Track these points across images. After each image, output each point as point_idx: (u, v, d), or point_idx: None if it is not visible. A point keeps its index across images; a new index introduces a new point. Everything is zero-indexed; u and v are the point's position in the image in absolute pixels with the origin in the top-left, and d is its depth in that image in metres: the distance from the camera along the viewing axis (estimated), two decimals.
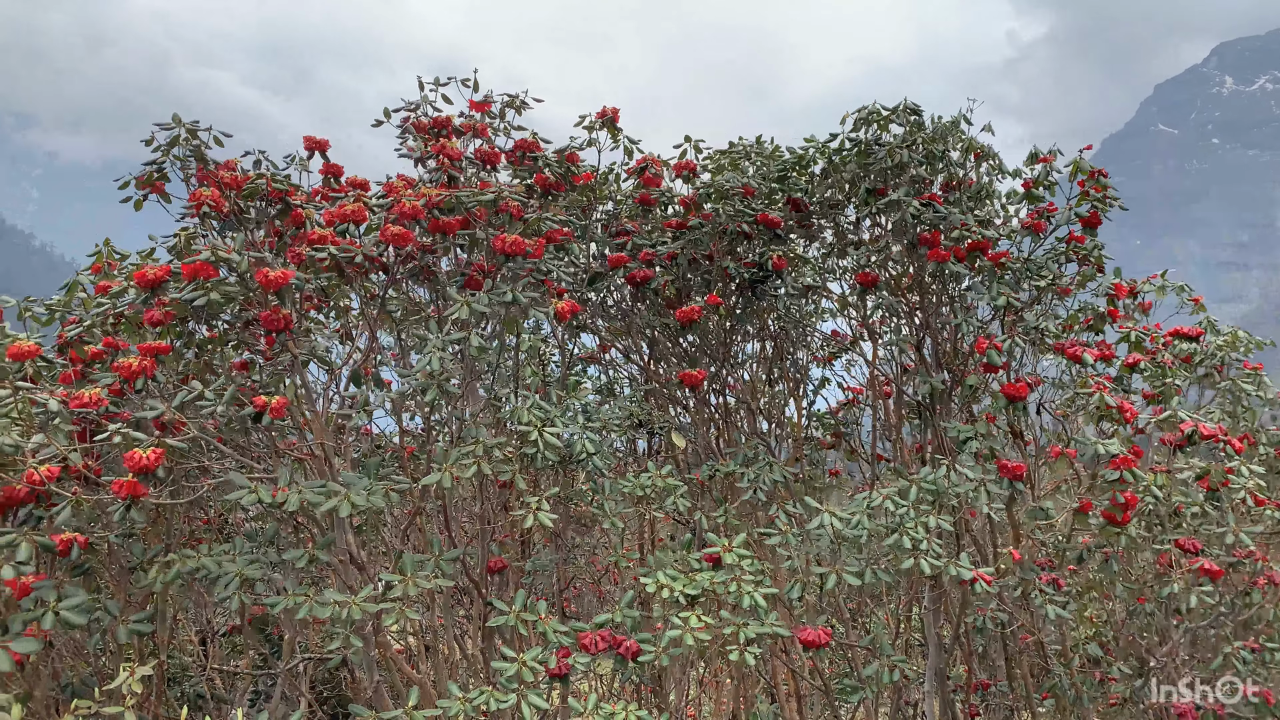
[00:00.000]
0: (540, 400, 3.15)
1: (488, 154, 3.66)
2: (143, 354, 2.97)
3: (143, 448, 2.55)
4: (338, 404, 3.78)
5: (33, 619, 2.44)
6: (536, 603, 2.67)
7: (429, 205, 3.30)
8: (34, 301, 3.33)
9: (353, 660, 2.93)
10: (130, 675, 2.31)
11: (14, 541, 2.44)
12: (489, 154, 3.66)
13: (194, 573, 2.76)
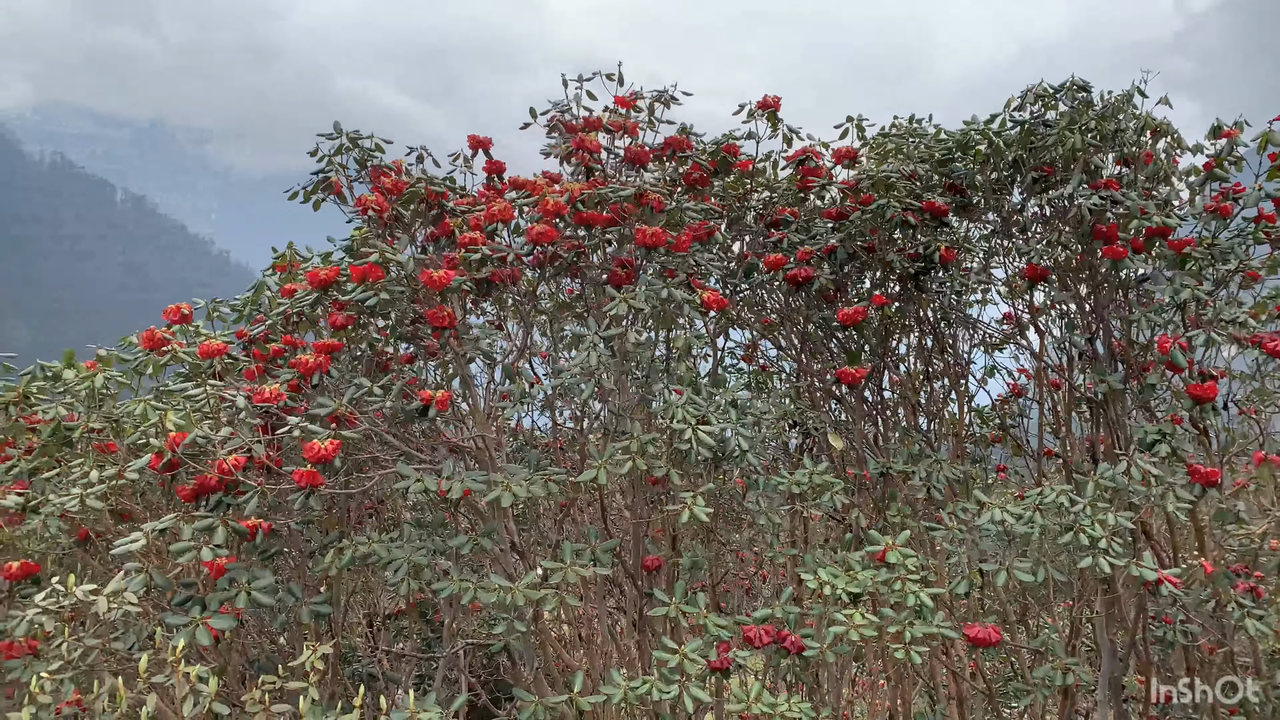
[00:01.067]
0: (693, 396, 3.15)
1: (637, 153, 3.68)
2: (318, 351, 3.14)
3: (320, 439, 2.69)
4: (496, 398, 3.89)
5: (227, 598, 2.62)
6: (695, 595, 2.66)
7: (571, 201, 3.35)
8: (221, 303, 3.57)
9: (514, 646, 3.01)
10: (312, 653, 2.44)
11: (211, 526, 2.62)
12: (638, 153, 3.68)
13: (365, 558, 2.90)
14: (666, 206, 3.39)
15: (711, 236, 3.61)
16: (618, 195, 3.33)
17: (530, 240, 3.20)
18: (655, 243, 3.23)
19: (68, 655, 2.57)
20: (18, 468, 3.29)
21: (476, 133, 3.73)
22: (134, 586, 2.57)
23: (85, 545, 3.29)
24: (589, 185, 3.44)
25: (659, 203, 3.36)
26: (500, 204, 3.27)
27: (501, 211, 3.26)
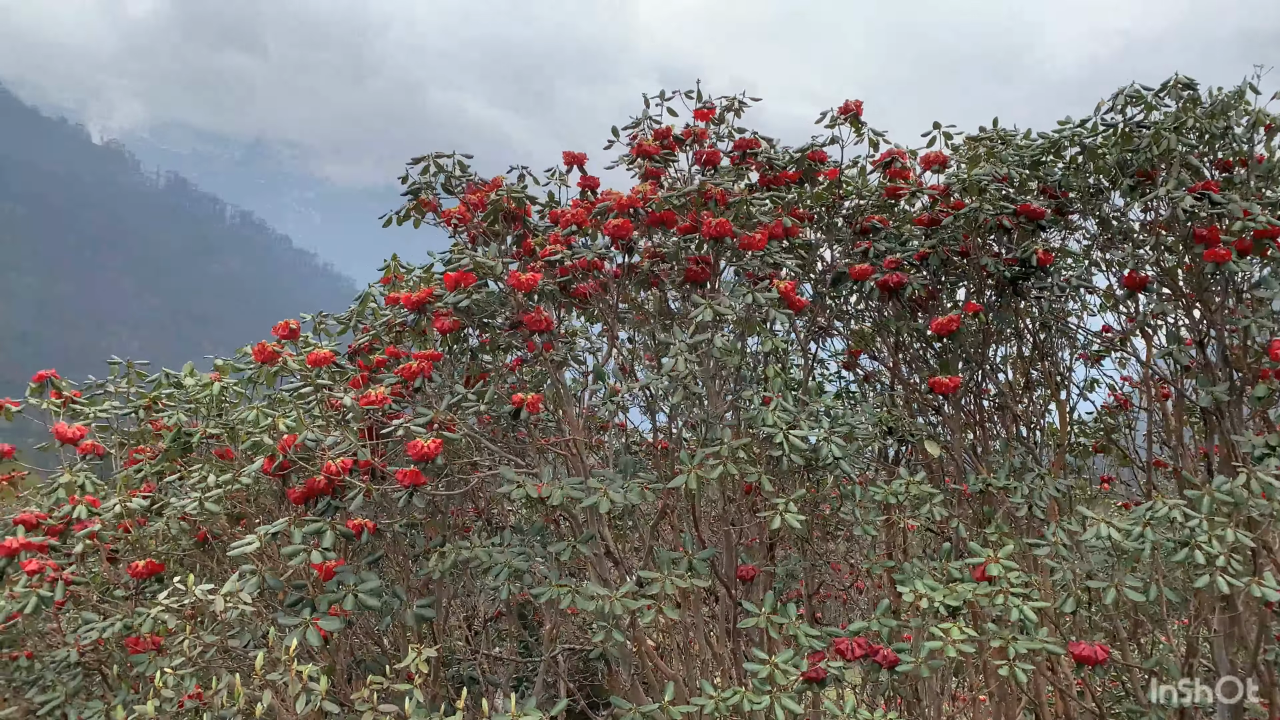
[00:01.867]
0: (784, 403, 3.14)
1: (708, 155, 3.72)
2: (419, 359, 3.25)
3: (423, 438, 2.78)
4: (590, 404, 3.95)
5: (335, 600, 2.72)
6: (787, 606, 2.65)
7: (644, 199, 3.40)
8: (326, 316, 3.72)
9: (611, 653, 3.04)
10: (417, 655, 2.51)
11: (320, 529, 2.73)
12: (709, 155, 3.72)
13: (467, 562, 2.97)
14: (731, 200, 3.42)
15: (790, 235, 3.61)
16: (682, 193, 3.38)
17: (607, 233, 3.27)
18: (721, 233, 3.26)
19: (189, 652, 2.71)
20: (144, 471, 3.48)
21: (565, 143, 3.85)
22: (249, 587, 2.69)
23: (203, 546, 3.47)
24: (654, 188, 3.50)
25: (722, 196, 3.40)
26: (576, 210, 3.35)
27: (576, 215, 3.33)
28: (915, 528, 4.92)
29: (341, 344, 3.81)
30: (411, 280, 3.86)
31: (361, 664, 3.32)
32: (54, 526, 3.40)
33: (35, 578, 3.13)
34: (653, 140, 3.69)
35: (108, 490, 3.55)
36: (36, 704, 3.20)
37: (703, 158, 3.72)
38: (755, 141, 3.80)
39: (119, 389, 3.88)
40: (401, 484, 2.77)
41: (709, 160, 3.72)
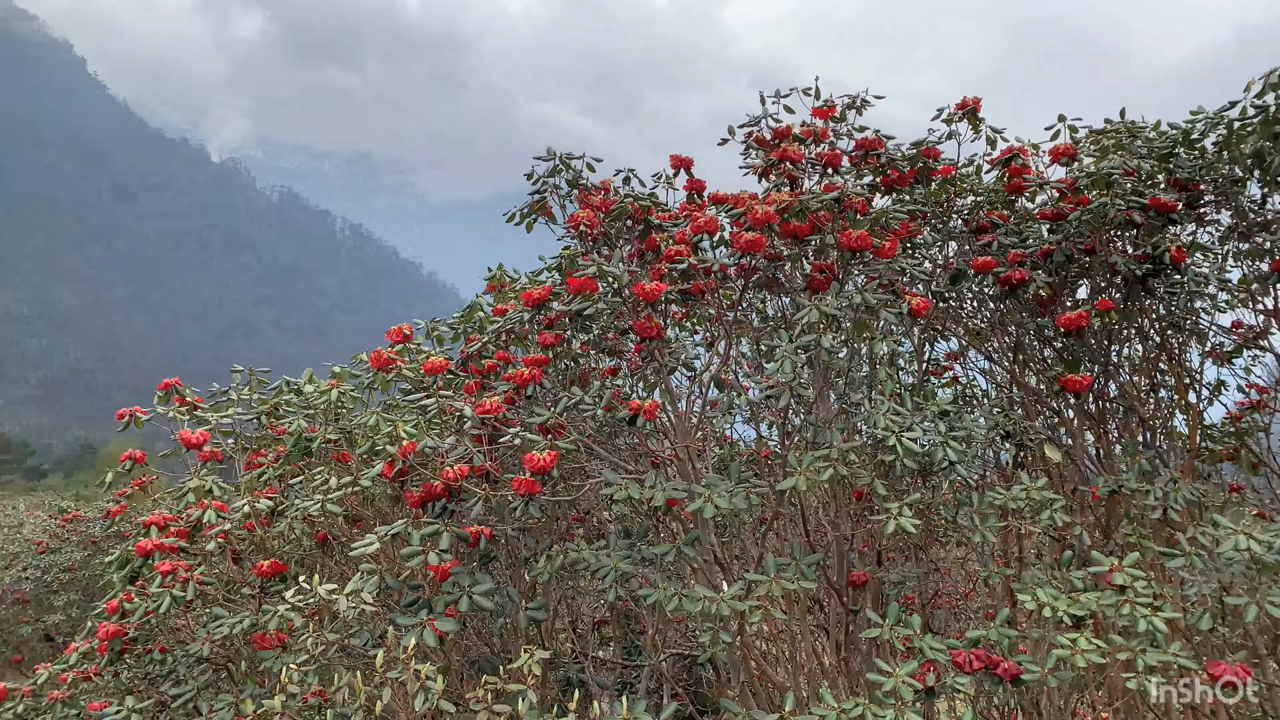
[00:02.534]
0: (896, 405, 3.06)
1: (830, 156, 3.64)
2: (530, 365, 3.29)
3: (539, 450, 2.81)
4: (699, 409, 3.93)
5: (451, 601, 2.77)
6: (911, 617, 2.59)
7: (781, 211, 3.35)
8: (440, 322, 3.80)
9: (720, 658, 3.02)
10: (530, 657, 2.54)
11: (437, 531, 2.79)
12: (831, 156, 3.65)
13: (574, 565, 2.99)
14: (870, 211, 3.33)
15: (915, 236, 3.52)
16: (821, 201, 3.31)
17: (739, 249, 3.23)
18: (861, 246, 3.18)
19: (312, 649, 2.80)
20: (267, 474, 3.62)
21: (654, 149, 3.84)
22: (369, 587, 2.76)
23: (324, 547, 3.58)
24: (794, 195, 3.44)
25: (863, 205, 3.31)
26: (706, 216, 3.32)
27: (708, 223, 3.31)
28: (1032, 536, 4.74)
29: (451, 350, 3.90)
30: (519, 287, 3.92)
31: (475, 664, 3.38)
32: (182, 528, 3.56)
33: (168, 578, 3.28)
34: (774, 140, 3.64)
35: (231, 493, 3.71)
36: (170, 696, 3.36)
37: (824, 159, 3.65)
38: (879, 141, 3.70)
39: (241, 396, 4.05)
40: (518, 492, 2.82)
41: (831, 162, 3.65)
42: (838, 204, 3.32)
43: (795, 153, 3.64)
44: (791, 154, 3.63)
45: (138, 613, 3.38)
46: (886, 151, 3.67)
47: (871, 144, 3.69)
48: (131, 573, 3.45)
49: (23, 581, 11.40)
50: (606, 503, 4.29)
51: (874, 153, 3.69)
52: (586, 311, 3.26)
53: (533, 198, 3.71)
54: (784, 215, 3.35)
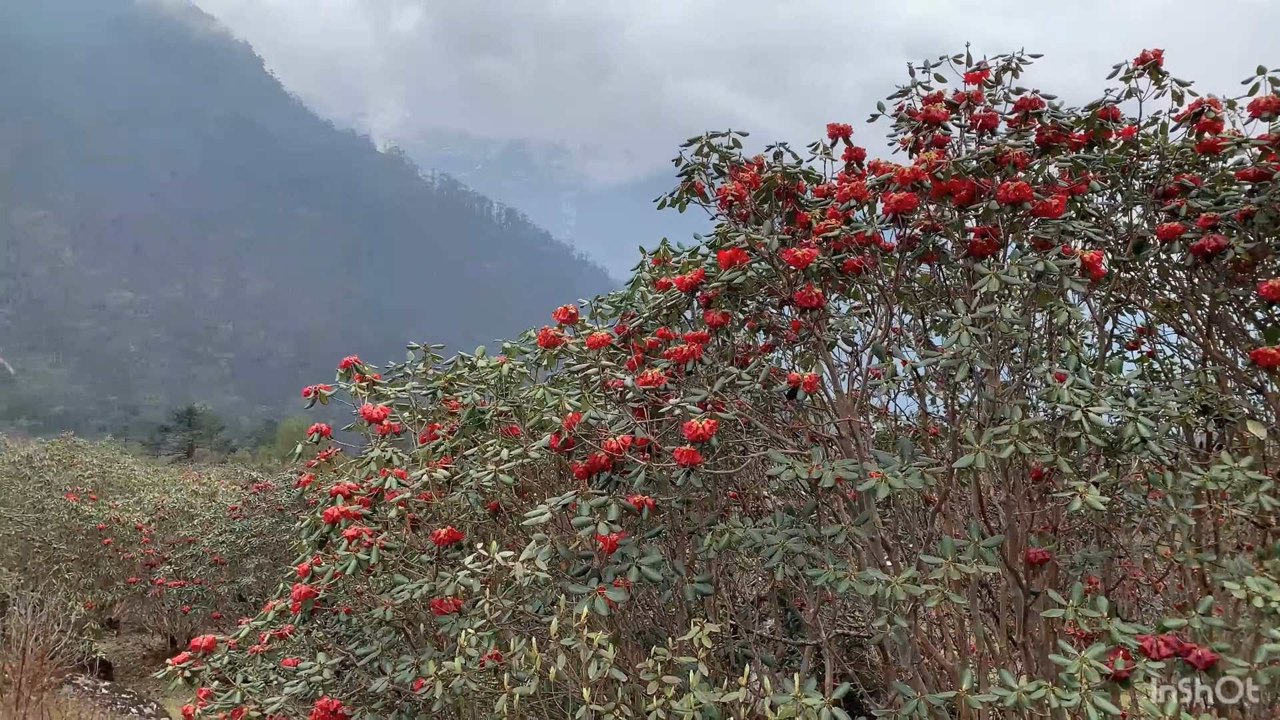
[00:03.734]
0: (1080, 379, 2.89)
1: (985, 118, 3.46)
2: (690, 341, 3.29)
3: (699, 419, 2.81)
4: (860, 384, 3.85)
5: (620, 572, 2.82)
6: (1097, 598, 2.45)
7: (929, 168, 3.21)
8: (604, 300, 3.86)
9: (893, 640, 2.95)
10: (701, 630, 2.55)
11: (605, 503, 2.84)
12: (986, 118, 3.46)
13: (740, 542, 2.98)
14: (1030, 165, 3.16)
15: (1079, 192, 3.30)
16: (977, 158, 3.16)
17: (889, 210, 3.12)
18: (1020, 198, 3.01)
19: (488, 614, 2.91)
20: (443, 446, 3.78)
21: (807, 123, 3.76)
22: (542, 556, 2.84)
23: (496, 516, 3.71)
24: (941, 154, 3.30)
25: (1021, 159, 3.14)
26: (855, 183, 3.23)
27: (854, 189, 3.22)
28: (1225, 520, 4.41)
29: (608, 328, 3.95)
30: (678, 264, 3.92)
31: (640, 636, 3.43)
32: (364, 497, 3.76)
33: (353, 543, 3.47)
34: (923, 107, 3.50)
35: (409, 464, 3.89)
36: (356, 656, 3.56)
37: (979, 122, 3.48)
38: (1038, 101, 3.49)
39: (416, 372, 4.23)
40: (679, 463, 2.83)
41: (986, 124, 3.48)
42: (994, 161, 3.16)
43: (939, 111, 3.48)
44: (935, 114, 3.47)
45: (326, 575, 3.60)
46: (1048, 111, 3.44)
47: (1030, 104, 3.47)
48: (320, 538, 3.67)
49: (219, 545, 12.37)
50: (764, 479, 4.27)
51: (1034, 112, 3.47)
52: (737, 281, 3.23)
53: (682, 181, 3.70)
54: (935, 173, 3.21)
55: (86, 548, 13.24)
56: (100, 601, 13.35)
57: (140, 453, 35.78)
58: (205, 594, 12.21)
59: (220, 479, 17.14)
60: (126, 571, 13.07)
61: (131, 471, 17.38)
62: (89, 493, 14.19)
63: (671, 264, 3.83)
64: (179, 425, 52.92)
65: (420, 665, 3.23)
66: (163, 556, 12.83)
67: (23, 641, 7.41)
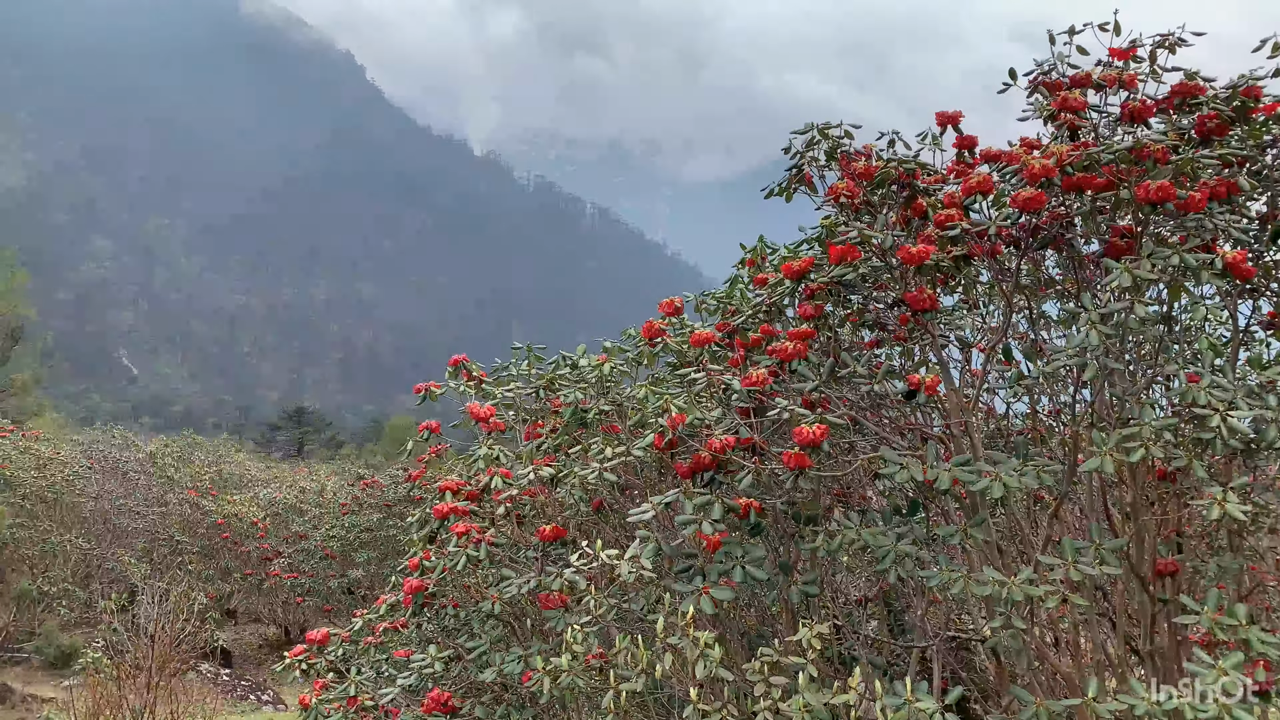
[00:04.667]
0: (1216, 378, 2.73)
1: (1136, 108, 3.26)
2: (794, 339, 3.23)
3: (808, 423, 2.76)
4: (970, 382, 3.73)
5: (724, 571, 2.79)
6: (1235, 605, 2.31)
7: (1060, 163, 3.07)
8: (709, 295, 3.83)
9: (1007, 644, 2.85)
10: (809, 631, 2.51)
11: (709, 502, 2.82)
12: (1138, 108, 3.26)
13: (850, 543, 2.92)
14: (1172, 159, 2.97)
15: (1232, 194, 3.10)
16: (1111, 152, 2.99)
17: (1017, 207, 2.99)
18: (1162, 198, 2.85)
19: (594, 611, 2.92)
20: (546, 444, 3.81)
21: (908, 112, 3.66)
22: (646, 554, 2.84)
23: (599, 513, 3.72)
24: (1075, 148, 3.14)
25: (1163, 153, 2.96)
26: (979, 175, 3.11)
27: (981, 183, 3.10)
28: None
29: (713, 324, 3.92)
30: (776, 260, 3.87)
31: (745, 636, 3.39)
32: (471, 493, 3.82)
33: (463, 538, 3.53)
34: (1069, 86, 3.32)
35: (514, 461, 3.93)
36: (466, 649, 3.62)
37: (1128, 109, 3.26)
38: (1199, 88, 3.23)
39: (520, 371, 4.28)
40: (787, 466, 2.78)
41: (1138, 115, 3.24)
42: (1132, 156, 2.99)
43: (1076, 100, 3.30)
44: (1072, 102, 3.30)
45: (436, 570, 3.67)
46: (1207, 101, 3.19)
47: (1191, 90, 3.23)
48: (431, 533, 3.75)
49: (330, 540, 12.80)
50: (870, 479, 4.17)
51: (1194, 101, 3.23)
52: (848, 279, 3.16)
53: (790, 172, 3.64)
54: (1065, 169, 3.07)
55: (207, 541, 13.88)
56: (219, 592, 13.96)
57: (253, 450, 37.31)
58: (317, 587, 12.64)
59: (329, 475, 17.76)
60: (243, 564, 13.65)
61: (246, 468, 18.14)
62: (208, 488, 14.87)
63: (767, 262, 3.78)
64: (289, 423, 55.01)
65: (528, 659, 3.26)
66: (277, 550, 13.34)
67: (152, 629, 7.80)
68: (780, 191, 3.56)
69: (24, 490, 13.12)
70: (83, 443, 17.02)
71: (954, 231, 3.06)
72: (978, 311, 4.13)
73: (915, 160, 3.39)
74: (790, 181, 3.49)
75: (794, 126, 3.62)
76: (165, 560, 13.62)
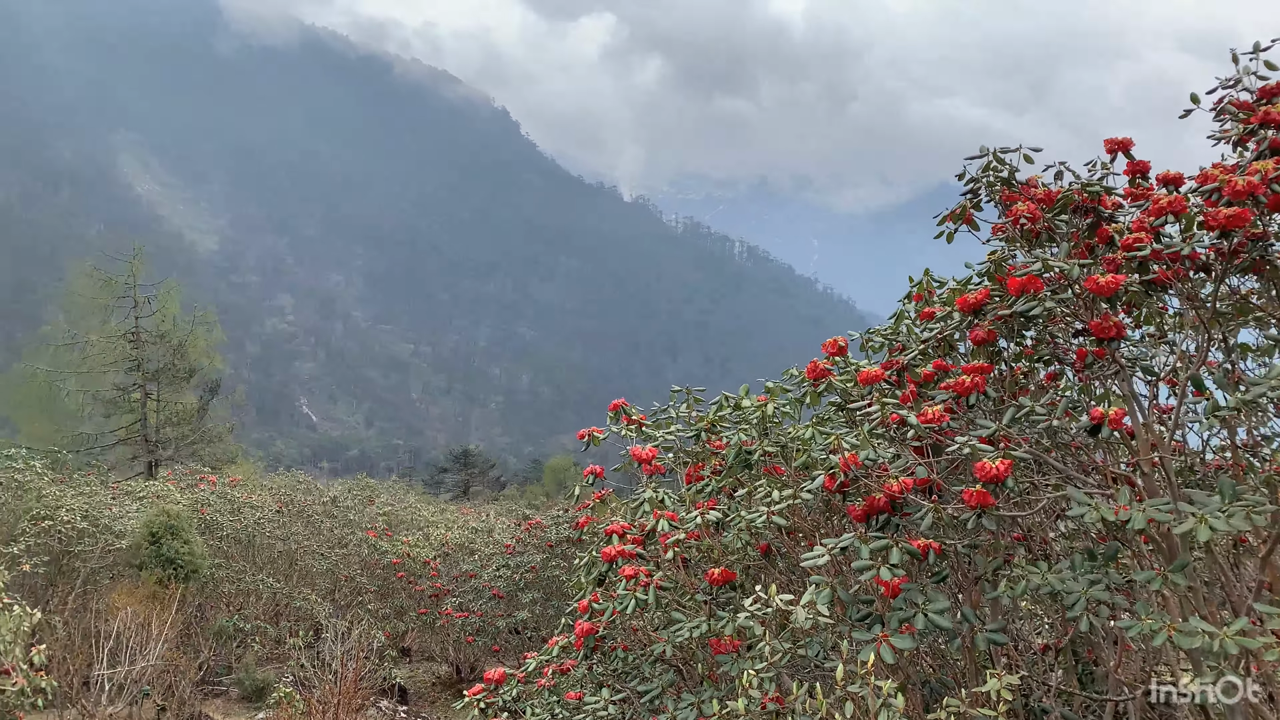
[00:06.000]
0: None
1: None
2: (970, 373, 3.12)
3: (990, 458, 2.65)
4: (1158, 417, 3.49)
5: (905, 618, 2.70)
6: None
7: (1265, 179, 2.86)
8: (876, 333, 3.75)
9: (1219, 700, 2.62)
10: (998, 681, 2.39)
11: (886, 546, 2.74)
12: None
13: (1037, 588, 2.77)
14: None
15: None
16: None
17: (1215, 227, 2.81)
18: None
19: (768, 656, 2.87)
20: (710, 487, 3.81)
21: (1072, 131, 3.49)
22: (822, 599, 2.78)
23: (766, 557, 3.68)
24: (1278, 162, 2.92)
25: None
26: (1169, 197, 2.94)
27: (1172, 203, 2.93)
28: None
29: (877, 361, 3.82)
30: (944, 294, 3.75)
31: (926, 684, 3.26)
32: (636, 536, 3.85)
33: (631, 581, 3.56)
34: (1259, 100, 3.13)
35: (677, 504, 3.94)
36: (638, 693, 3.63)
37: None
38: None
39: (679, 413, 4.30)
40: (969, 505, 2.68)
41: None
42: None
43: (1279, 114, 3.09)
44: (1275, 116, 3.09)
45: (605, 613, 3.71)
46: None
47: None
48: (600, 576, 3.80)
49: (497, 580, 13.14)
50: (1052, 520, 3.95)
51: None
52: (1032, 312, 3.04)
53: (965, 198, 3.54)
54: (1272, 184, 2.85)
55: (383, 580, 14.51)
56: (395, 630, 14.54)
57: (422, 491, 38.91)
58: (485, 626, 12.98)
59: (497, 516, 18.28)
60: (417, 603, 14.18)
61: (417, 510, 18.93)
62: (384, 529, 15.58)
63: (935, 296, 3.67)
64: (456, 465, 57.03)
65: (701, 704, 3.24)
66: (447, 589, 13.80)
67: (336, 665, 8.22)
68: (954, 220, 3.46)
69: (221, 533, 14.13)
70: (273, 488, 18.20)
71: (1143, 252, 2.89)
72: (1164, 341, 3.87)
73: (1100, 184, 3.24)
74: (966, 208, 3.39)
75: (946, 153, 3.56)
76: (346, 599, 14.32)
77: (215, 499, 15.00)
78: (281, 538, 14.87)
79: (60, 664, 8.28)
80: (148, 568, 11.45)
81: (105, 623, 9.12)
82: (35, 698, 6.72)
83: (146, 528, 11.85)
